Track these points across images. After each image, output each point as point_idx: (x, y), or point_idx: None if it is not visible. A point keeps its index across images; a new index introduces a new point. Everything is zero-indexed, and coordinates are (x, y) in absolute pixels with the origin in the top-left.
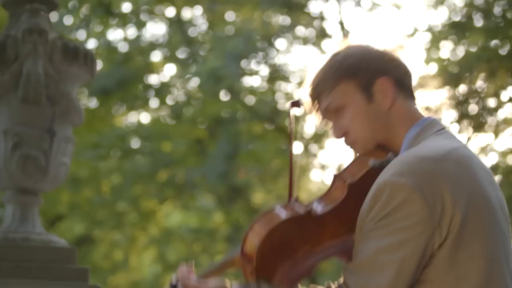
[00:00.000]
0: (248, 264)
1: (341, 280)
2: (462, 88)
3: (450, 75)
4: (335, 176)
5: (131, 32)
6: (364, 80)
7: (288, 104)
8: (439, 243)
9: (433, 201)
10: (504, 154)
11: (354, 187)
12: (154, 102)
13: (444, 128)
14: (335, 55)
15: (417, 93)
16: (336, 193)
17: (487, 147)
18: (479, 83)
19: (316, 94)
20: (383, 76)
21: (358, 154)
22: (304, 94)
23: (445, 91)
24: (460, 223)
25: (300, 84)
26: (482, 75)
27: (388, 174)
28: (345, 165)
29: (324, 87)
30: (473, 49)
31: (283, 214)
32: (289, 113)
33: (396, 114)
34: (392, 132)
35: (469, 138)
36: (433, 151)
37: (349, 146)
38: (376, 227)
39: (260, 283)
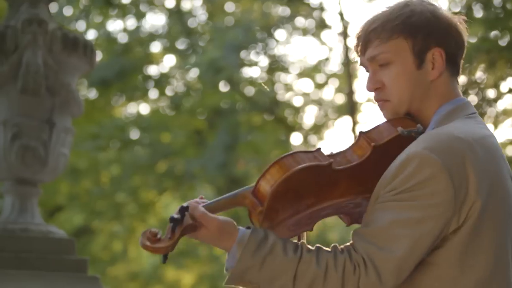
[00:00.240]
0: (258, 204)
1: (349, 243)
2: (462, 79)
3: None
4: (361, 134)
5: (131, 23)
6: (421, 44)
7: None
8: (454, 228)
9: (459, 184)
10: (503, 145)
11: (378, 149)
12: (153, 93)
13: (475, 112)
14: (405, 6)
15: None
16: (359, 151)
17: None
18: (479, 74)
19: (369, 38)
20: (439, 47)
21: (386, 117)
22: (357, 29)
23: None
24: (479, 212)
25: (300, 75)
26: (482, 66)
27: (420, 147)
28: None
29: (379, 34)
30: (473, 40)
31: (305, 159)
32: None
33: (436, 88)
34: (426, 104)
35: None
36: (466, 134)
37: (378, 103)
38: (397, 199)
39: (267, 231)
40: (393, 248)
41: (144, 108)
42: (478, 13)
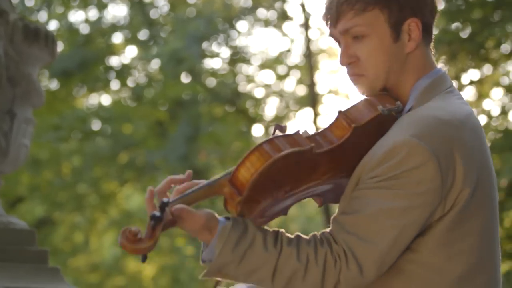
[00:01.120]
0: (237, 193)
1: (327, 232)
2: None
3: None
4: (340, 113)
5: (93, 13)
6: (397, 15)
7: (274, 126)
8: (440, 215)
9: (446, 171)
10: None
11: (358, 130)
12: (115, 84)
13: (452, 85)
14: None
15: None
16: (338, 131)
17: None
18: (440, 66)
19: (342, 9)
20: (415, 17)
21: (361, 92)
22: (329, 2)
23: None
24: (466, 199)
25: (261, 66)
26: (443, 58)
27: (407, 134)
28: (349, 105)
29: (354, 5)
30: (434, 32)
31: (286, 145)
32: (273, 133)
33: (413, 60)
34: (402, 78)
35: None
36: (452, 115)
37: (352, 77)
38: (381, 186)
39: (247, 223)
40: (375, 240)
41: (105, 99)
42: (440, 5)
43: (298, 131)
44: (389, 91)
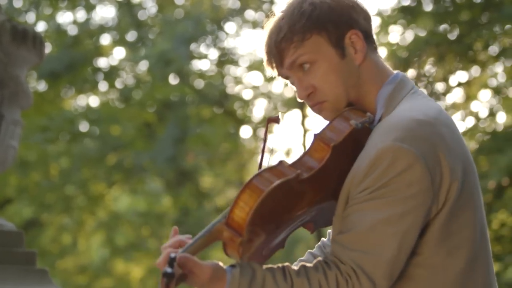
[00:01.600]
0: (237, 235)
1: (330, 255)
2: (411, 73)
3: (399, 60)
4: (316, 136)
5: (81, 15)
6: (335, 33)
7: (267, 119)
8: (435, 212)
9: (434, 169)
10: None
11: (337, 148)
12: (103, 86)
13: (414, 85)
14: (302, 2)
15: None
16: (317, 154)
17: None
18: (428, 68)
19: (282, 47)
20: (352, 29)
21: (327, 119)
22: (267, 46)
23: None
24: (456, 193)
25: (249, 68)
26: (431, 59)
27: (388, 139)
28: (322, 127)
29: (292, 39)
30: (422, 34)
31: (274, 177)
32: (266, 126)
33: (367, 70)
34: (363, 89)
35: None
36: (425, 114)
37: (314, 108)
38: (374, 197)
39: (253, 266)
40: (380, 251)
41: (93, 101)
42: (428, 6)
43: (281, 161)
44: (354, 105)
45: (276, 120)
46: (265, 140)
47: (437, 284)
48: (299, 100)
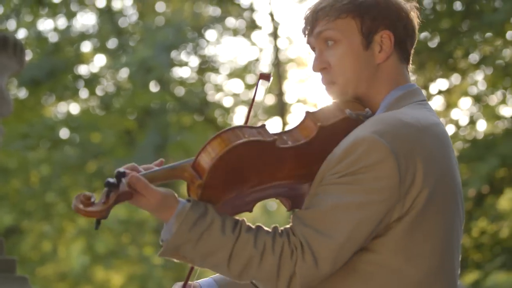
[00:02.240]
0: (197, 177)
1: (289, 226)
2: None
3: None
4: (307, 114)
5: (61, 22)
6: (369, 25)
7: (258, 74)
8: (398, 216)
9: (406, 170)
10: None
11: (324, 130)
12: (83, 93)
13: (425, 100)
14: None
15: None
16: (304, 131)
17: None
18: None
19: (317, 16)
20: (388, 30)
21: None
22: (307, 13)
23: None
24: (425, 200)
25: (230, 75)
26: (412, 67)
27: (368, 130)
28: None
29: (328, 12)
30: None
31: (248, 134)
32: (257, 82)
33: (384, 71)
34: (374, 88)
35: None
36: (416, 120)
37: (325, 86)
38: (340, 182)
39: (208, 206)
40: (332, 233)
41: (74, 108)
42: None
43: (265, 125)
44: (361, 101)
45: (268, 77)
46: (254, 96)
47: (389, 286)
48: (313, 71)
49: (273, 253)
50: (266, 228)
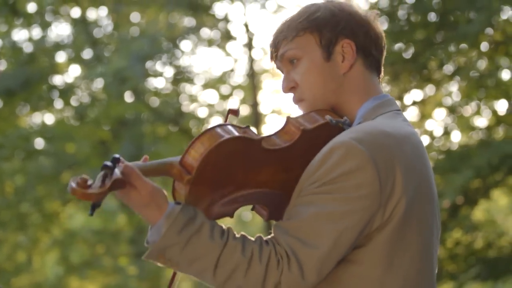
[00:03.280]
0: (186, 172)
1: (271, 236)
2: None
3: None
4: (288, 119)
5: (36, 32)
6: (328, 36)
7: (227, 110)
8: (378, 224)
9: (386, 177)
10: None
11: (306, 134)
12: (58, 103)
13: (400, 110)
14: (311, 5)
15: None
16: (286, 136)
17: None
18: (383, 86)
19: (278, 39)
20: (348, 38)
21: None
22: (271, 39)
23: None
24: (404, 210)
25: (205, 86)
26: (386, 78)
27: (346, 136)
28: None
29: (286, 34)
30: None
31: (236, 132)
32: (226, 117)
33: (351, 81)
34: (344, 98)
35: None
36: (395, 130)
37: (296, 104)
38: (321, 191)
39: (196, 211)
40: (316, 243)
41: (48, 118)
42: (383, 25)
43: (249, 126)
44: (336, 112)
45: (236, 112)
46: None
47: None
48: (283, 92)
49: (260, 261)
50: (251, 238)
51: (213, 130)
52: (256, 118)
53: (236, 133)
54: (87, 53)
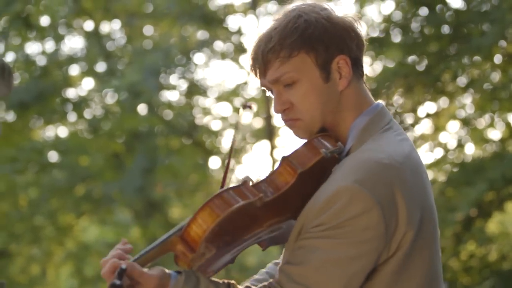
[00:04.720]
0: (189, 251)
1: (275, 282)
2: None
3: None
4: (284, 159)
5: (49, 45)
6: (324, 55)
7: (241, 106)
8: (385, 258)
9: (390, 216)
10: None
11: (303, 175)
12: (72, 116)
13: (391, 119)
14: (298, 17)
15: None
16: (282, 177)
17: None
18: (396, 98)
19: (268, 59)
20: (342, 54)
21: (298, 136)
22: (254, 52)
23: None
24: (411, 241)
25: (218, 99)
26: (399, 90)
27: (349, 179)
28: (291, 150)
29: (279, 53)
30: (391, 65)
31: (236, 198)
32: (239, 112)
33: (347, 98)
34: (340, 116)
35: None
36: (392, 158)
37: (287, 122)
38: (327, 235)
39: (198, 276)
40: None
41: (62, 131)
42: (396, 38)
43: (246, 181)
44: (327, 131)
45: (250, 107)
46: (236, 129)
47: None
48: (274, 112)
49: None
50: (254, 287)
51: (213, 203)
52: (270, 130)
53: (237, 202)
54: (101, 66)
